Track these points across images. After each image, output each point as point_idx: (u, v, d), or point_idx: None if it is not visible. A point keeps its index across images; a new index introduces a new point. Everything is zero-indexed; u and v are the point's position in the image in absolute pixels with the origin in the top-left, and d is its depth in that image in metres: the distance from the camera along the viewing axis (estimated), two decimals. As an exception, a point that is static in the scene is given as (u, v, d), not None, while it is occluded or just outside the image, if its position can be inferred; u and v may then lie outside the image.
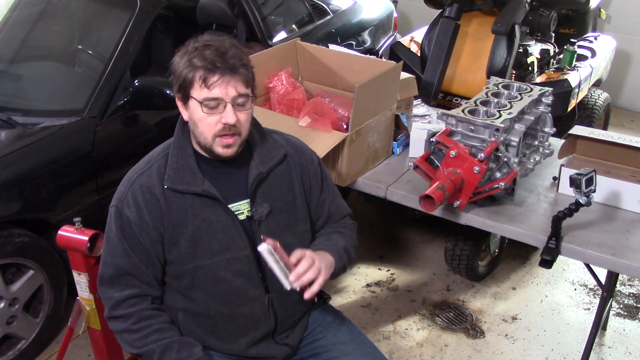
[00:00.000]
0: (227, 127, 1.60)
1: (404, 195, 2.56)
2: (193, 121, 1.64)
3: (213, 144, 1.64)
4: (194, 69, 1.58)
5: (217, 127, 1.61)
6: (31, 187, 2.56)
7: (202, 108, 1.59)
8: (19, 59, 3.30)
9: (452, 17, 3.55)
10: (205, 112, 1.59)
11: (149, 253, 1.67)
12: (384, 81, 2.60)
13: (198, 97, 1.59)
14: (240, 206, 1.72)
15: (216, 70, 1.57)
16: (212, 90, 1.57)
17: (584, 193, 2.10)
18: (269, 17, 3.77)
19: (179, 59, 1.62)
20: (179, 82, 1.62)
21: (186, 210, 1.66)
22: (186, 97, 1.62)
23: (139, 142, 2.99)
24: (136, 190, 1.66)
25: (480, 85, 2.80)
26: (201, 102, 1.58)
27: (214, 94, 1.58)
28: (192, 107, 1.62)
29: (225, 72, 1.57)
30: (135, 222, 1.65)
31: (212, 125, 1.61)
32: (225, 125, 1.60)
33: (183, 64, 1.60)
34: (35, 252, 2.57)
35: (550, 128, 2.62)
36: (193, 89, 1.60)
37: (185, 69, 1.59)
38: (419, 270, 3.39)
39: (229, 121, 1.59)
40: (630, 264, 2.15)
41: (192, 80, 1.59)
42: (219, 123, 1.60)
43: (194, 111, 1.61)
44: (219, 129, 1.61)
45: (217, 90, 1.57)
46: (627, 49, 5.28)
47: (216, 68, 1.56)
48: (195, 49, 1.59)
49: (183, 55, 1.61)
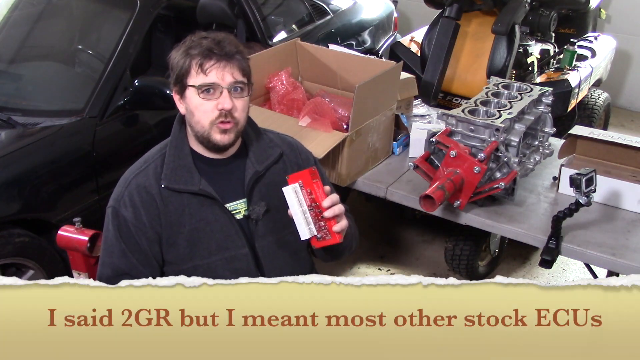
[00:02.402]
0: (224, 113, 1.60)
1: (404, 195, 2.56)
2: (190, 111, 1.64)
3: (210, 132, 1.63)
4: (191, 57, 1.59)
5: (213, 114, 1.60)
6: (31, 187, 2.56)
7: (199, 94, 1.59)
8: (19, 59, 3.30)
9: (452, 17, 3.55)
10: (202, 98, 1.59)
11: (147, 253, 1.67)
12: (384, 81, 2.60)
13: (195, 83, 1.60)
14: (237, 205, 1.72)
15: (212, 55, 1.58)
16: (209, 75, 1.58)
17: (584, 193, 2.10)
18: (269, 17, 3.77)
19: (176, 52, 1.64)
20: (175, 72, 1.63)
21: (183, 209, 1.66)
22: (183, 87, 1.63)
23: (139, 142, 2.99)
24: (133, 191, 1.66)
25: (480, 85, 2.80)
26: (198, 87, 1.59)
27: (210, 78, 1.58)
28: (188, 97, 1.62)
29: (221, 57, 1.59)
30: (132, 222, 1.65)
31: (208, 112, 1.60)
32: (222, 111, 1.60)
33: (179, 55, 1.62)
34: (35, 252, 2.57)
35: (550, 128, 2.62)
36: (189, 77, 1.60)
37: (182, 59, 1.60)
38: (419, 270, 3.39)
39: (225, 106, 1.59)
40: (630, 264, 2.15)
41: (188, 68, 1.60)
42: (215, 109, 1.60)
43: (191, 100, 1.62)
44: (215, 116, 1.61)
45: (214, 75, 1.58)
46: (627, 49, 5.28)
47: (212, 54, 1.58)
48: (192, 40, 1.61)
49: (179, 48, 1.63)
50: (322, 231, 1.57)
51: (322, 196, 1.56)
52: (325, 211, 1.55)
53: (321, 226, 1.57)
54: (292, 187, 1.55)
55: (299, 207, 1.56)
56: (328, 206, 1.56)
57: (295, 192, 1.55)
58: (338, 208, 1.58)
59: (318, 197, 1.56)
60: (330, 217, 1.56)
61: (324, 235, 1.58)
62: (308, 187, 1.56)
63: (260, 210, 1.72)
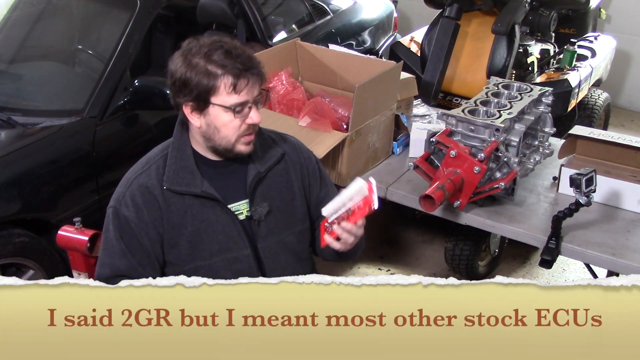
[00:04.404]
0: (252, 126, 1.63)
1: (404, 195, 2.56)
2: (214, 127, 1.62)
3: (236, 144, 1.65)
4: (216, 77, 1.56)
5: (242, 128, 1.63)
6: (31, 187, 2.56)
7: (233, 113, 1.59)
8: (19, 59, 3.30)
9: (452, 17, 3.55)
10: (236, 117, 1.60)
11: (149, 253, 1.67)
12: (384, 81, 2.60)
13: (226, 103, 1.58)
14: (240, 206, 1.72)
15: (243, 75, 1.57)
16: (241, 94, 1.58)
17: (584, 193, 2.10)
18: (269, 17, 3.77)
19: (188, 69, 1.57)
20: (195, 91, 1.58)
21: (185, 211, 1.66)
22: (205, 104, 1.60)
23: (139, 142, 2.99)
24: (135, 191, 1.66)
25: (480, 85, 2.80)
26: (233, 108, 1.59)
27: (242, 97, 1.59)
28: (213, 114, 1.60)
29: (250, 75, 1.59)
30: (134, 222, 1.65)
31: (237, 127, 1.62)
32: (251, 125, 1.63)
33: (197, 73, 1.56)
34: (35, 252, 2.57)
35: (550, 128, 2.62)
36: (217, 96, 1.58)
37: (204, 77, 1.56)
38: (419, 270, 3.39)
39: (256, 121, 1.62)
40: (630, 264, 2.15)
41: (214, 88, 1.57)
42: (244, 124, 1.62)
43: (217, 117, 1.60)
44: (243, 130, 1.63)
45: (245, 93, 1.59)
46: (627, 49, 5.28)
47: (242, 72, 1.57)
48: (204, 55, 1.56)
49: (188, 63, 1.57)
50: (332, 227, 1.64)
51: (359, 217, 1.62)
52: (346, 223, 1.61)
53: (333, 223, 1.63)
54: (364, 184, 1.58)
55: (347, 199, 1.60)
56: (354, 225, 1.62)
57: (359, 190, 1.59)
58: (352, 236, 1.64)
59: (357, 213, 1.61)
60: (341, 232, 1.62)
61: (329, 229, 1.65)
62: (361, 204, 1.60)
63: (263, 211, 1.72)
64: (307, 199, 1.84)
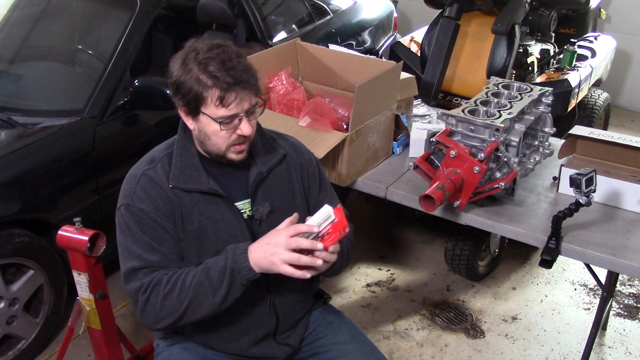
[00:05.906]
0: (242, 137, 1.63)
1: (404, 195, 2.56)
2: (205, 134, 1.63)
3: (226, 152, 1.65)
4: (206, 87, 1.55)
5: (232, 138, 1.62)
6: (31, 187, 2.56)
7: (220, 126, 1.59)
8: (19, 59, 3.30)
9: (452, 17, 3.55)
10: (223, 128, 1.60)
11: (173, 236, 1.65)
12: (384, 81, 2.60)
13: (213, 115, 1.58)
14: (242, 205, 1.72)
15: (231, 89, 1.55)
16: (229, 108, 1.57)
17: (584, 193, 2.10)
18: (269, 17, 3.77)
19: (183, 73, 1.57)
20: (187, 97, 1.58)
21: (193, 206, 1.66)
22: (195, 111, 1.60)
23: (139, 142, 2.99)
24: (145, 184, 1.65)
25: (480, 85, 2.80)
26: (219, 121, 1.58)
27: (231, 111, 1.58)
28: (203, 122, 1.61)
29: (239, 89, 1.56)
30: (152, 211, 1.63)
31: (226, 137, 1.62)
32: (241, 136, 1.62)
33: (190, 79, 1.56)
34: (35, 252, 2.57)
35: (550, 128, 2.62)
36: (206, 106, 1.58)
37: (196, 85, 1.56)
38: (419, 270, 3.39)
39: (245, 133, 1.61)
40: (630, 264, 2.15)
41: (203, 98, 1.56)
42: (234, 135, 1.62)
43: (207, 126, 1.61)
44: (234, 139, 1.63)
45: (234, 107, 1.57)
46: (627, 49, 5.28)
47: (231, 87, 1.55)
48: (199, 63, 1.56)
49: (185, 67, 1.57)
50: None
51: (331, 242, 1.55)
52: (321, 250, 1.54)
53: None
54: (330, 210, 1.55)
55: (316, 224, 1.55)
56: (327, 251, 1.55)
57: (327, 216, 1.55)
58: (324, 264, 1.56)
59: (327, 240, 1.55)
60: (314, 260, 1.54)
61: None
62: (335, 227, 1.55)
63: (264, 210, 1.72)
64: (306, 200, 1.84)
